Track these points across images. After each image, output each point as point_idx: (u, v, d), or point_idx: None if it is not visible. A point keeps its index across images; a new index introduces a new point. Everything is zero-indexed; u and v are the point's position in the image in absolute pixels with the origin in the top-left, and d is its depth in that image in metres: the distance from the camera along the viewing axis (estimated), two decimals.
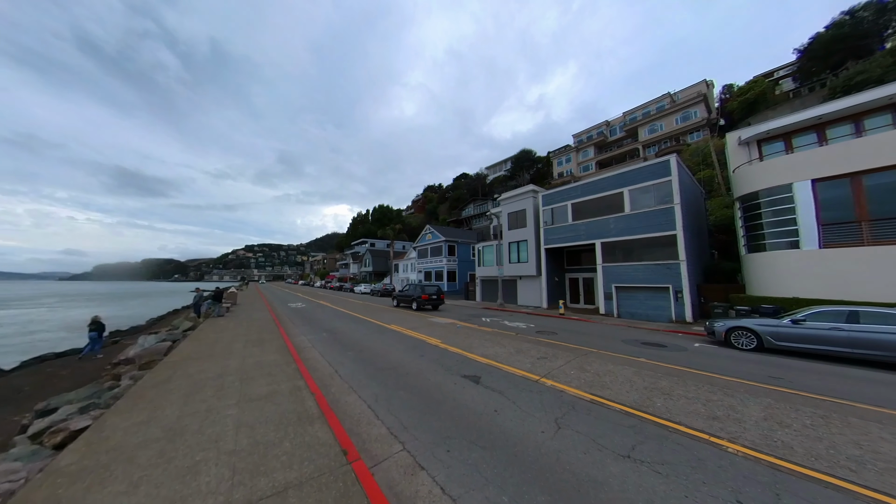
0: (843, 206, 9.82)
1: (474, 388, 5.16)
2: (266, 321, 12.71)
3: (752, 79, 42.54)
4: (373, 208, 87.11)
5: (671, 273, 12.93)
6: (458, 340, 8.89)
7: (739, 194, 12.69)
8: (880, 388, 5.28)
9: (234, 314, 15.11)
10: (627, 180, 14.72)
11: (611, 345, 8.49)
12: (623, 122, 55.19)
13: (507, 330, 10.76)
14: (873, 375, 5.91)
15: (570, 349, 7.86)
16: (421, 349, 7.93)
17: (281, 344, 8.42)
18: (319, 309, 17.94)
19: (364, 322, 12.62)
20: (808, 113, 11.46)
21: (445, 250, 33.19)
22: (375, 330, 10.77)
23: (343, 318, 13.99)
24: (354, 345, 8.56)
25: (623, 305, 14.53)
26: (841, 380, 5.70)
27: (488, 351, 7.63)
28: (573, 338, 9.40)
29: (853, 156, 9.66)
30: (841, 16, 31.23)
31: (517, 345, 8.28)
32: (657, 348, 8.11)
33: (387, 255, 53.93)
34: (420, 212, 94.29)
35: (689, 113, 45.48)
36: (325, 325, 11.85)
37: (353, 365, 6.66)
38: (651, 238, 13.71)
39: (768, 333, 7.53)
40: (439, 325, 11.78)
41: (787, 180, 10.81)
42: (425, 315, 14.76)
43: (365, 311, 16.79)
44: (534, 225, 19.45)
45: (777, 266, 11.01)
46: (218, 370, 6.08)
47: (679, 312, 12.60)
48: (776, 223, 11.21)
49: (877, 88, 10.29)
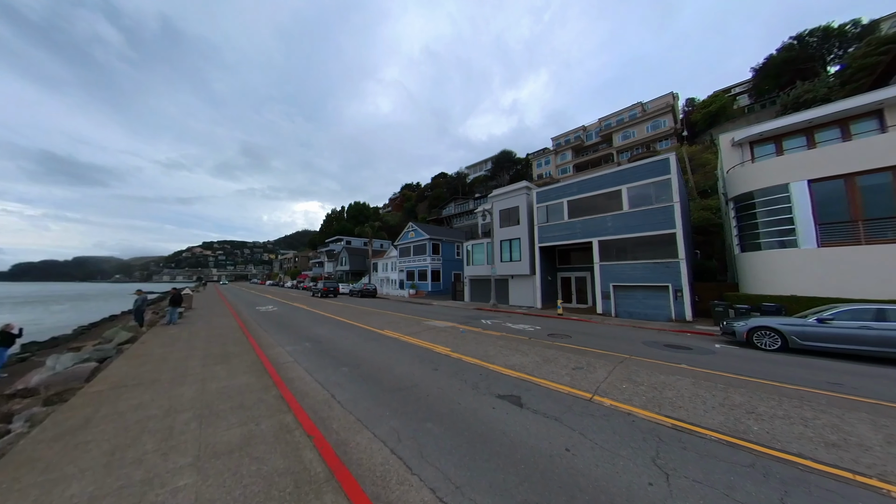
0: (838, 205, 10.10)
1: (520, 414, 4.07)
2: (230, 329, 10.67)
3: (713, 94, 46.01)
4: (348, 205, 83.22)
5: (671, 272, 12.82)
6: (470, 348, 7.76)
7: (733, 195, 12.88)
8: None
9: (188, 321, 12.71)
10: (626, 178, 14.52)
11: (635, 348, 7.84)
12: (599, 127, 57.41)
13: (515, 333, 9.82)
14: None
15: (600, 355, 7.05)
16: (431, 361, 6.69)
17: (253, 360, 6.73)
18: (294, 312, 15.87)
19: (351, 327, 11.05)
20: (798, 116, 11.82)
21: (429, 249, 31.89)
22: (368, 337, 9.30)
23: (325, 322, 12.25)
24: (348, 357, 7.10)
25: (621, 305, 14.29)
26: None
27: (511, 360, 6.58)
28: (591, 341, 8.67)
29: (847, 157, 9.96)
30: (790, 40, 34.57)
31: (539, 352, 7.33)
32: (684, 351, 7.58)
33: (365, 254, 51.33)
34: (398, 210, 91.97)
35: (659, 122, 48.09)
36: (305, 332, 10.12)
37: (354, 386, 5.27)
38: (650, 236, 13.56)
39: (794, 333, 7.28)
40: (439, 329, 10.56)
41: (784, 180, 11.00)
42: (421, 318, 13.43)
43: (348, 313, 15.06)
44: (527, 222, 18.86)
45: (774, 265, 11.18)
46: (165, 404, 4.40)
47: (679, 311, 12.50)
48: (772, 223, 11.41)
49: (865, 95, 10.76)
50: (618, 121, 54.41)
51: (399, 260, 36.68)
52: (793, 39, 34.44)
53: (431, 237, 31.97)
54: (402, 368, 6.16)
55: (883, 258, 9.19)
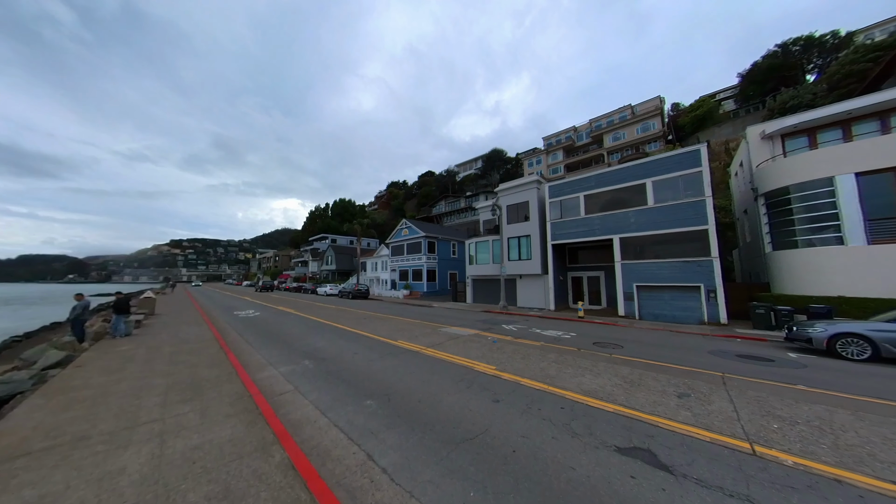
0: (888, 200, 9.49)
1: (680, 488, 2.60)
2: (204, 342, 8.55)
3: (699, 98, 47.34)
4: (333, 202, 79.53)
5: (703, 271, 11.95)
6: (518, 364, 6.25)
7: (765, 190, 12.22)
8: None
9: (148, 331, 10.36)
10: (650, 170, 13.58)
11: (710, 361, 6.65)
12: (589, 128, 57.86)
13: (555, 342, 8.43)
14: None
15: (686, 373, 5.76)
16: (481, 385, 5.11)
17: (237, 391, 4.87)
18: (282, 318, 13.71)
19: (356, 337, 9.23)
20: (835, 108, 11.26)
21: (425, 247, 30.16)
22: (381, 350, 7.57)
23: (322, 331, 10.33)
24: (366, 381, 5.38)
25: (646, 306, 13.32)
26: None
27: (586, 384, 5.14)
28: (649, 351, 7.42)
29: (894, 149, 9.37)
30: (775, 48, 35.85)
31: (610, 369, 5.94)
32: (766, 364, 6.46)
33: (352, 253, 48.68)
34: (385, 208, 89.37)
35: (648, 124, 48.82)
36: (300, 345, 8.21)
37: (396, 434, 3.60)
38: (678, 233, 12.66)
39: (887, 341, 6.34)
40: (463, 338, 8.98)
41: (828, 174, 10.34)
42: (432, 324, 11.77)
43: (346, 318, 13.13)
44: (538, 219, 17.65)
45: (816, 263, 10.50)
46: (94, 487, 2.56)
47: (712, 313, 11.64)
48: (811, 219, 10.75)
49: None
50: (608, 122, 54.99)
51: (391, 259, 34.66)
52: (777, 47, 35.73)
53: (427, 235, 30.26)
54: (451, 400, 4.55)
55: None
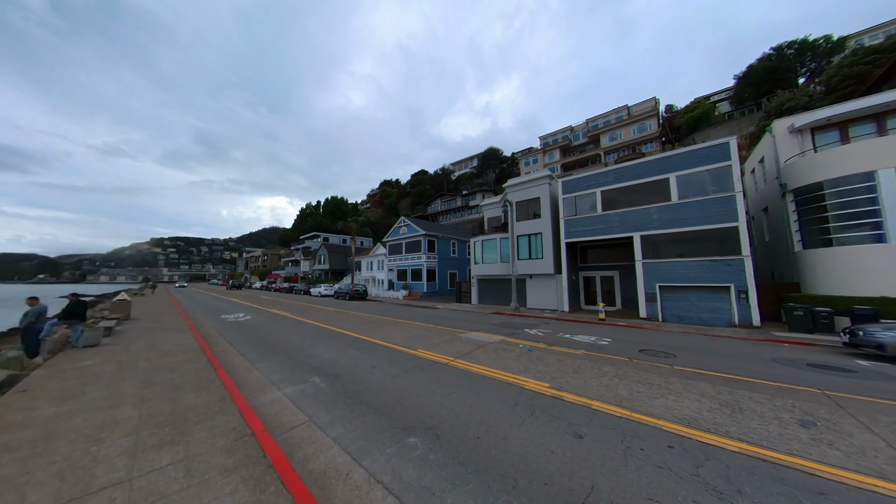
0: None
1: None
2: (187, 353, 7.22)
3: (695, 100, 47.90)
4: (324, 200, 77.14)
5: (733, 270, 11.30)
6: (573, 381, 5.27)
7: (794, 186, 11.69)
8: None
9: (121, 339, 8.90)
10: (674, 165, 12.90)
11: (784, 373, 5.84)
12: (586, 128, 57.84)
13: (597, 350, 7.50)
14: None
15: (777, 390, 4.90)
16: (547, 412, 4.09)
17: (233, 425, 3.69)
18: (277, 322, 12.34)
19: (368, 346, 8.07)
20: (872, 100, 10.79)
21: (425, 246, 29.01)
22: (405, 363, 6.45)
23: (326, 338, 9.10)
24: (399, 410, 4.28)
25: (669, 308, 12.63)
26: None
27: (674, 408, 4.19)
28: (710, 361, 6.57)
29: None
30: (770, 51, 36.35)
31: (691, 386, 5.02)
32: (846, 374, 5.70)
33: (346, 252, 46.97)
34: (378, 206, 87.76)
35: (645, 125, 48.99)
36: (304, 357, 7.00)
37: (466, 500, 2.53)
38: (705, 231, 12.01)
39: None
40: (490, 345, 7.95)
41: (869, 168, 9.82)
42: (448, 328, 10.70)
43: (349, 322, 11.90)
44: (551, 215, 16.81)
45: (855, 262, 9.97)
46: None
47: (743, 315, 11.00)
48: (849, 216, 10.23)
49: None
50: (605, 122, 55.05)
51: (388, 258, 33.34)
52: (772, 50, 36.23)
53: (427, 233, 29.12)
54: (518, 435, 3.51)
55: None
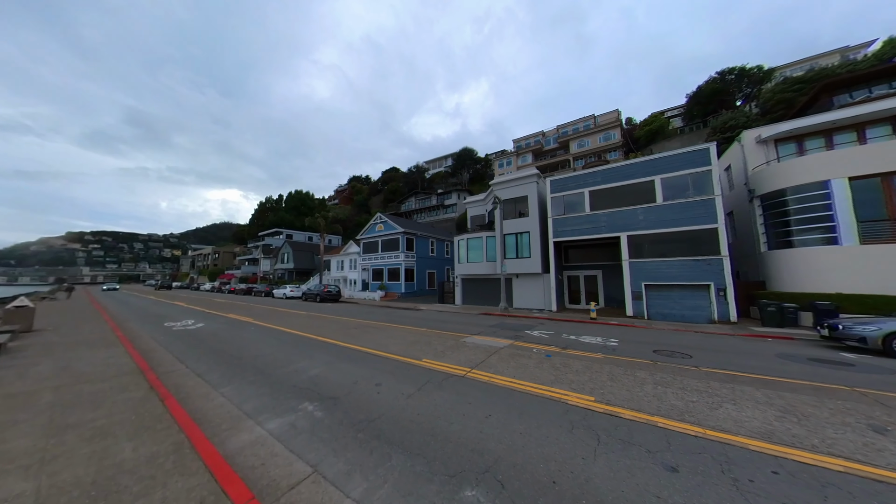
0: (875, 204, 10.19)
1: None
2: (115, 376, 5.46)
3: (652, 114, 52.30)
4: (287, 194, 71.29)
5: (713, 269, 11.94)
6: (619, 393, 4.74)
7: (761, 192, 12.72)
8: None
9: (17, 359, 6.61)
10: (660, 168, 13.38)
11: (797, 370, 5.91)
12: (557, 134, 60.41)
13: (612, 353, 7.17)
14: None
15: (819, 391, 4.78)
16: (615, 436, 3.45)
17: (196, 494, 2.47)
18: (239, 330, 10.43)
19: (361, 356, 6.89)
20: (820, 118, 12.06)
21: (403, 244, 27.70)
22: (415, 378, 5.46)
23: (306, 348, 7.70)
24: (433, 445, 3.35)
25: (654, 306, 13.05)
26: None
27: (743, 420, 3.79)
28: (726, 360, 6.52)
29: (887, 156, 10.10)
30: (715, 75, 40.83)
31: (739, 392, 4.72)
32: (850, 369, 5.93)
33: (313, 250, 43.54)
34: (346, 203, 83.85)
35: (609, 134, 52.36)
36: (285, 375, 5.66)
37: None
38: (687, 231, 12.57)
39: None
40: (501, 350, 7.24)
41: (823, 177, 10.88)
42: (444, 332, 9.79)
43: (327, 328, 10.44)
44: (538, 214, 16.70)
45: (813, 262, 11.00)
46: None
47: (722, 312, 11.65)
48: (808, 220, 11.28)
49: (879, 101, 11.30)
50: (574, 129, 58.00)
51: (362, 257, 31.40)
52: (717, 74, 40.73)
53: (406, 231, 27.83)
54: (600, 472, 2.80)
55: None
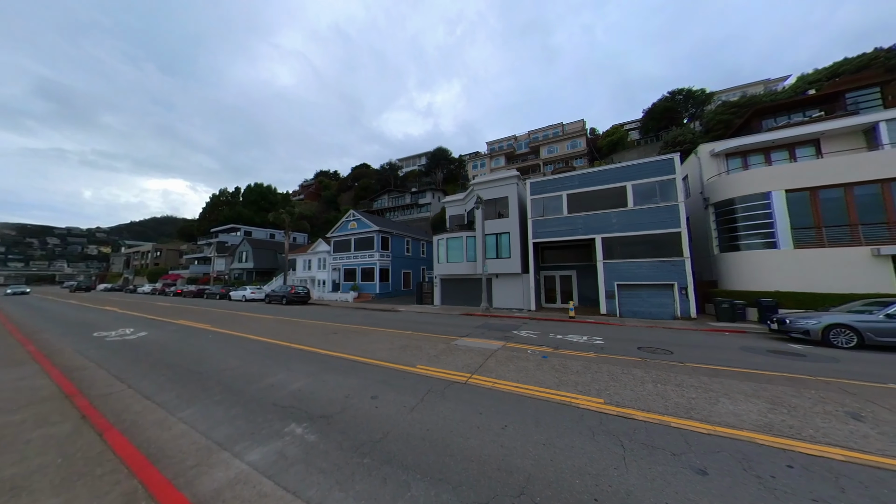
0: (806, 214, 11.79)
1: None
2: (28, 405, 4.29)
3: (613, 126, 56.46)
4: (246, 187, 65.31)
5: (676, 270, 12.98)
6: (624, 393, 4.76)
7: (715, 201, 14.13)
8: None
9: None
10: (631, 174, 14.27)
11: (761, 361, 6.50)
12: (528, 139, 62.71)
13: (601, 351, 7.34)
14: None
15: (793, 381, 5.20)
16: (636, 440, 3.38)
17: None
18: (194, 339, 9.06)
19: (348, 365, 6.27)
20: (760, 137, 13.71)
21: (378, 243, 26.66)
22: (413, 387, 5.03)
23: (280, 357, 6.84)
24: (451, 465, 3.00)
25: (625, 304, 13.88)
26: None
27: (743, 415, 3.96)
28: (703, 355, 6.97)
29: (812, 173, 11.73)
30: (667, 94, 45.23)
31: (729, 386, 4.96)
32: (801, 359, 6.67)
33: (276, 248, 40.28)
34: (313, 199, 79.63)
35: (576, 142, 55.49)
36: (260, 391, 4.89)
37: None
38: (655, 235, 13.55)
39: (869, 329, 7.34)
40: (496, 353, 7.06)
41: (766, 189, 12.35)
42: (439, 336, 9.39)
43: (303, 334, 9.49)
44: (518, 215, 16.98)
45: (756, 264, 12.43)
46: None
47: (684, 309, 12.71)
48: (752, 226, 12.73)
49: (801, 126, 13.13)
50: (543, 136, 60.68)
51: (332, 256, 29.70)
52: (669, 94, 45.15)
53: (381, 230, 26.82)
54: (638, 483, 2.68)
55: (839, 258, 11.00)
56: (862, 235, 10.84)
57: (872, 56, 30.00)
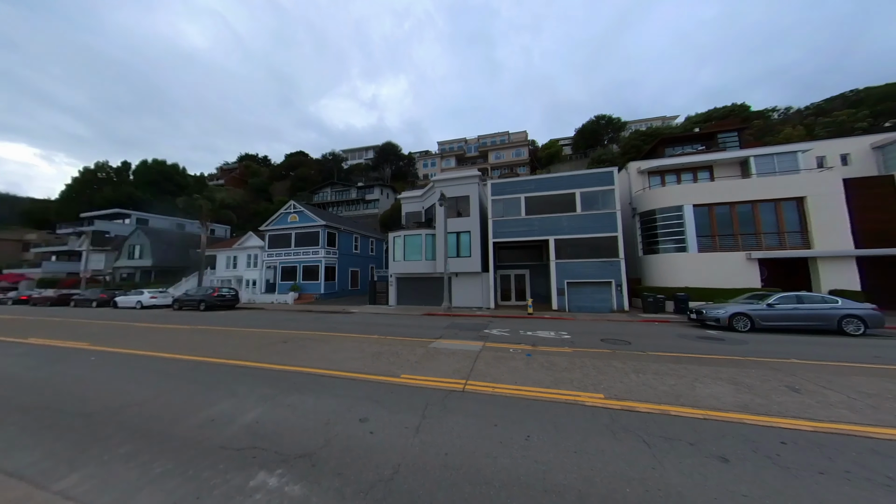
0: (706, 224, 14.62)
1: None
2: None
3: (550, 140, 62.57)
4: (139, 163, 52.07)
5: (613, 269, 14.74)
6: (617, 385, 4.89)
7: (640, 210, 16.54)
8: None
9: None
10: (579, 182, 15.70)
11: (697, 345, 7.62)
12: (478, 143, 65.11)
13: (573, 346, 7.68)
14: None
15: (737, 363, 6.09)
16: (661, 436, 3.39)
17: None
18: (65, 363, 6.42)
19: (312, 380, 5.13)
20: (671, 161, 16.60)
21: (324, 239, 24.06)
22: (406, 402, 4.32)
23: (219, 379, 5.25)
24: (494, 499, 2.52)
25: (573, 300, 15.20)
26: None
27: (721, 397, 4.38)
28: (655, 343, 7.83)
29: (710, 192, 14.64)
30: (593, 118, 52.17)
31: (693, 371, 5.51)
32: (722, 342, 8.05)
33: (188, 241, 33.01)
34: (238, 185, 68.82)
35: (520, 151, 59.76)
36: (197, 430, 3.52)
37: None
38: (597, 238, 15.16)
39: (758, 316, 9.32)
40: (481, 355, 6.72)
41: (679, 202, 14.94)
42: (412, 339, 8.57)
43: (241, 347, 7.64)
44: (479, 215, 17.17)
45: (671, 265, 14.93)
46: None
47: (619, 303, 14.51)
48: (669, 233, 15.28)
49: (694, 155, 16.34)
50: (492, 142, 63.80)
51: (267, 252, 25.75)
52: (595, 118, 52.14)
53: (328, 224, 24.27)
54: (681, 482, 2.61)
55: (727, 261, 13.96)
56: (741, 243, 13.96)
57: (731, 108, 39.93)
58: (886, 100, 33.96)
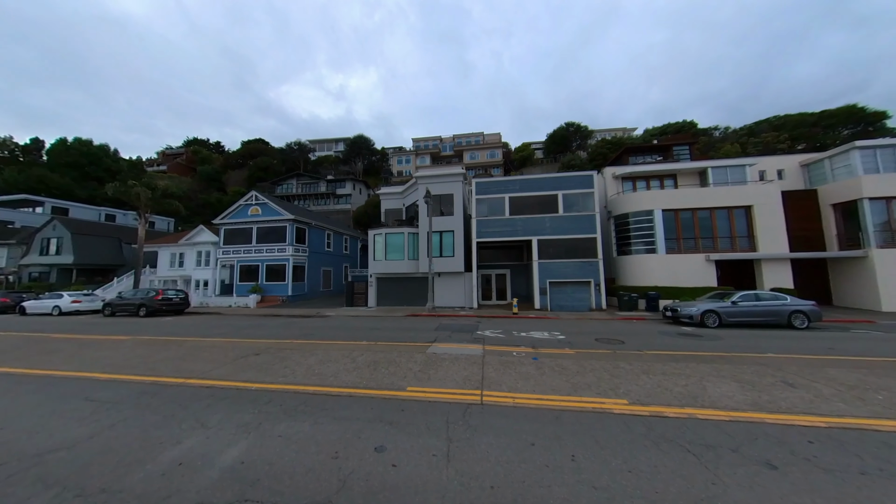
0: (673, 228, 15.80)
1: None
2: None
3: (523, 144, 64.55)
4: (57, 141, 43.91)
5: (592, 269, 15.34)
6: (637, 391, 4.80)
7: (615, 214, 17.44)
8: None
9: None
10: (561, 184, 16.09)
11: (678, 342, 8.02)
12: (453, 142, 65.02)
13: (572, 346, 7.65)
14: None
15: (725, 360, 6.39)
16: (703, 442, 3.27)
17: None
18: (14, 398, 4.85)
19: (303, 401, 4.35)
20: (642, 168, 17.74)
21: (291, 235, 22.09)
22: (422, 423, 3.79)
23: (171, 405, 4.25)
24: None
25: (554, 299, 15.55)
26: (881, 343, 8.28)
27: (732, 396, 4.48)
28: (647, 342, 8.08)
29: (675, 198, 15.86)
30: (563, 125, 54.76)
31: (701, 370, 5.65)
32: (699, 339, 8.57)
33: (121, 235, 28.38)
34: (184, 173, 61.72)
35: (494, 152, 60.79)
36: (153, 480, 2.68)
37: None
38: (578, 239, 15.68)
39: (724, 313, 10.15)
40: (488, 360, 6.36)
41: (650, 207, 15.98)
42: (407, 345, 7.89)
43: (199, 361, 6.44)
44: (462, 214, 16.87)
45: (642, 265, 15.94)
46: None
47: (598, 302, 15.14)
48: (640, 236, 16.29)
49: (656, 164, 17.68)
50: (467, 141, 64.10)
51: (222, 249, 23.04)
52: (565, 125, 54.76)
53: (297, 219, 22.33)
54: (742, 497, 2.48)
55: (690, 262, 15.22)
56: (701, 246, 15.31)
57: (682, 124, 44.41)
58: (800, 126, 40.26)
